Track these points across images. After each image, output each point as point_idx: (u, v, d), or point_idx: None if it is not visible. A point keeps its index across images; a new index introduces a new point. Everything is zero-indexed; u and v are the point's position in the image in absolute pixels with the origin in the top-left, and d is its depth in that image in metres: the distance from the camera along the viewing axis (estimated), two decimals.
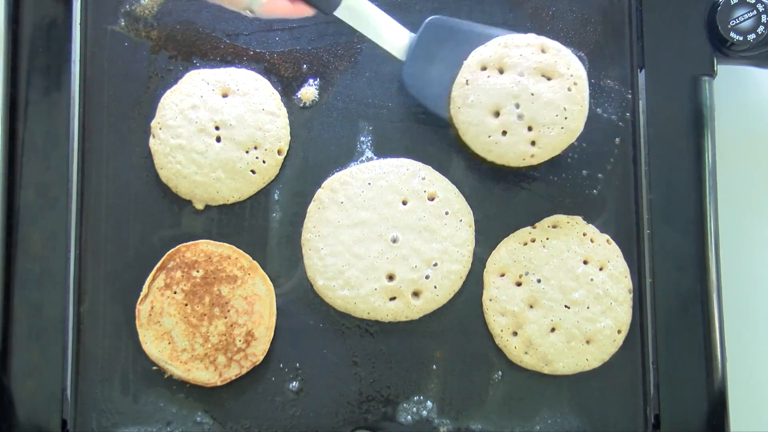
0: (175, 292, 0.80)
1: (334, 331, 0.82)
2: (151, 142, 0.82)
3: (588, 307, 0.80)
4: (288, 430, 0.80)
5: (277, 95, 0.83)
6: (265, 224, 0.83)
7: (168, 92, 0.83)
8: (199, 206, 0.82)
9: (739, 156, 0.91)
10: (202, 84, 0.82)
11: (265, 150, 0.82)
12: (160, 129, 0.82)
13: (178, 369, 0.79)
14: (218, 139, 0.82)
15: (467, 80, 0.79)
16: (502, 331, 0.81)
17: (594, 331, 0.80)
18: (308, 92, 0.84)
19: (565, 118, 0.78)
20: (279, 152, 0.83)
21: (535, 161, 0.79)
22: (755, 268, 0.90)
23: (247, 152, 0.82)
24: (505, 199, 0.83)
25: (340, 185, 0.82)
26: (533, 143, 0.78)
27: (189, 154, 0.81)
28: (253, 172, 0.82)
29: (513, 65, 0.78)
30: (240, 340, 0.80)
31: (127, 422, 0.80)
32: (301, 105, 0.84)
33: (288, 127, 0.83)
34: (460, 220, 0.82)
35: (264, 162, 0.82)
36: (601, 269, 0.81)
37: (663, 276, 0.81)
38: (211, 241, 0.82)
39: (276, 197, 0.83)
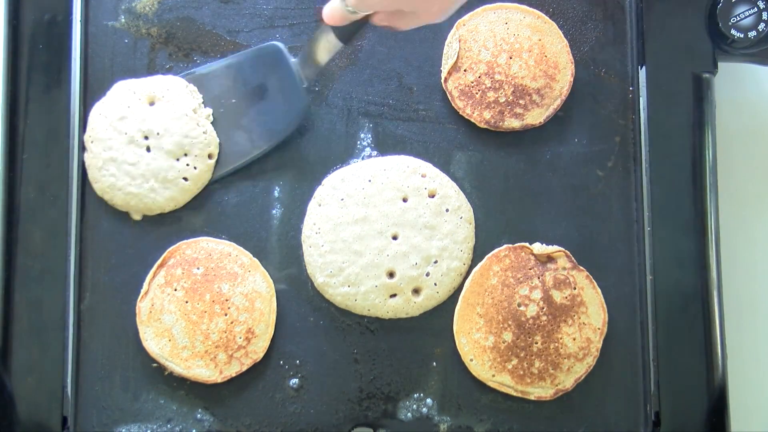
0: (175, 290, 0.80)
1: (335, 328, 0.82)
2: (85, 156, 0.81)
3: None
4: (288, 427, 0.80)
5: (198, 98, 0.82)
6: (265, 221, 0.82)
7: (96, 104, 0.82)
8: (137, 217, 0.82)
9: (740, 153, 0.91)
10: (128, 94, 0.82)
11: (195, 156, 0.81)
12: (92, 142, 0.81)
13: (178, 366, 0.79)
14: (148, 149, 0.81)
15: None
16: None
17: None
18: None
19: None
20: (210, 156, 0.82)
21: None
22: (756, 265, 0.90)
23: (177, 160, 0.81)
24: (505, 195, 0.83)
25: (340, 182, 0.82)
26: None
27: (121, 166, 0.80)
28: (185, 179, 0.81)
29: None
30: (240, 338, 0.80)
31: (127, 419, 0.80)
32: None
33: (214, 131, 0.82)
34: (461, 217, 0.82)
35: (195, 168, 0.81)
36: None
37: (663, 273, 0.81)
38: (212, 239, 0.82)
39: (276, 194, 0.83)
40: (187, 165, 0.81)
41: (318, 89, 0.84)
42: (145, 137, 0.81)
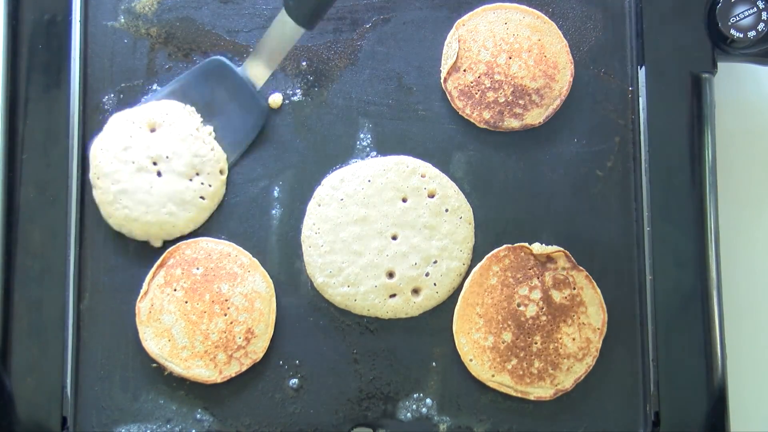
0: (175, 290, 0.80)
1: (334, 328, 0.82)
2: (94, 193, 0.81)
3: None
4: (288, 427, 0.80)
5: (198, 117, 0.82)
6: (265, 221, 0.82)
7: (96, 140, 0.81)
8: (157, 244, 0.81)
9: (739, 153, 0.91)
10: (127, 124, 0.81)
11: (208, 174, 0.81)
12: (98, 179, 0.80)
13: (178, 366, 0.79)
14: (159, 174, 0.80)
15: None
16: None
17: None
18: (275, 99, 0.84)
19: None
20: (221, 172, 0.82)
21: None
22: (755, 265, 0.90)
23: (191, 180, 0.81)
24: (505, 195, 0.83)
25: (340, 182, 0.82)
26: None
27: (134, 196, 0.80)
28: (202, 198, 0.81)
29: None
30: (240, 338, 0.80)
31: (126, 419, 0.80)
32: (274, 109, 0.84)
33: (220, 147, 0.82)
34: (460, 218, 0.82)
35: (210, 186, 0.81)
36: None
37: (663, 273, 0.81)
38: (211, 239, 0.82)
39: (276, 194, 0.83)
40: (202, 184, 0.81)
41: (317, 89, 0.84)
42: (154, 163, 0.80)
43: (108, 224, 0.81)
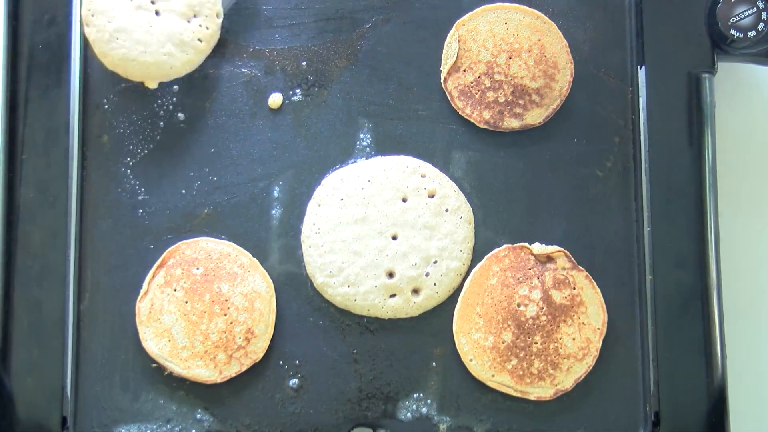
0: (175, 290, 0.80)
1: (334, 328, 0.82)
2: (87, 31, 0.79)
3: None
4: (288, 427, 0.80)
5: None
6: (265, 221, 0.82)
7: None
8: (152, 85, 0.81)
9: (739, 153, 0.91)
10: None
11: (206, 16, 0.80)
12: (93, 16, 0.78)
13: (178, 366, 0.79)
14: (157, 13, 0.79)
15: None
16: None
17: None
18: (275, 99, 0.83)
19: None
20: (217, 15, 0.81)
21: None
22: (755, 265, 0.90)
23: (188, 21, 0.80)
24: (505, 195, 0.83)
25: (340, 182, 0.82)
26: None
27: (132, 35, 0.78)
28: (200, 40, 0.80)
29: None
30: (240, 338, 0.80)
31: (127, 419, 0.80)
32: (272, 110, 0.83)
33: None
34: (460, 217, 0.82)
35: (208, 28, 0.81)
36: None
37: (663, 273, 0.81)
38: (211, 239, 0.82)
39: (276, 194, 0.83)
40: (200, 26, 0.80)
41: (317, 89, 0.84)
42: (152, 2, 0.79)
43: (107, 224, 0.81)
